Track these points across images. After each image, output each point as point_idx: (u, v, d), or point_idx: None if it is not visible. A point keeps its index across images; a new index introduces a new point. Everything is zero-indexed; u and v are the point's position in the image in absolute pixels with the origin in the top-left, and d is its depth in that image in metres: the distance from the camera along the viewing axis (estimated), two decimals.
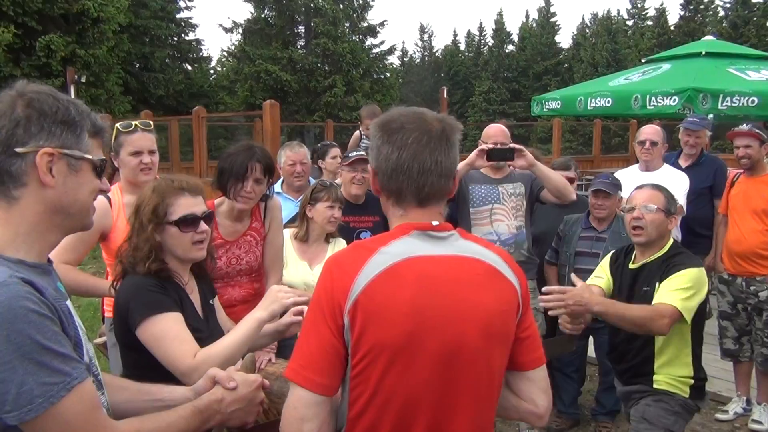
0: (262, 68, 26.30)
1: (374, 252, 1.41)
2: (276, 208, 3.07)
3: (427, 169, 1.45)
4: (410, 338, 1.36)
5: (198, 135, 11.26)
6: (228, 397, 1.57)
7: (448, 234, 1.49)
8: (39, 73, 15.36)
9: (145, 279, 2.02)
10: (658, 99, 6.61)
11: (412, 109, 1.54)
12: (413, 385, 1.38)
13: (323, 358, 1.38)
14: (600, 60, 38.96)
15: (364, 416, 1.40)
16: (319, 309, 1.40)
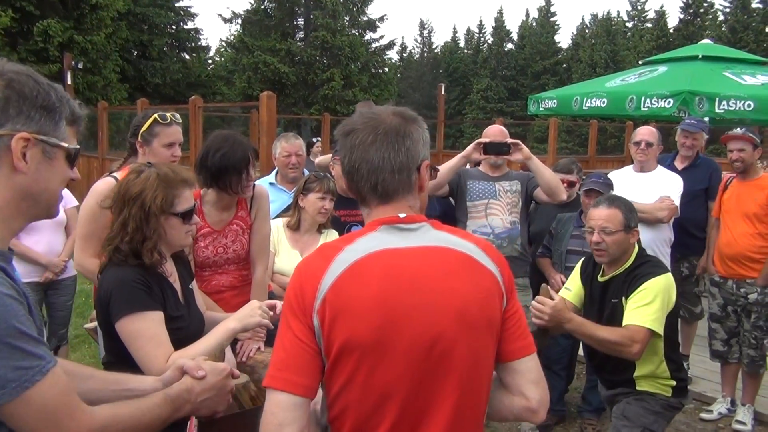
0: (260, 59, 26.23)
1: (340, 250, 1.40)
2: (262, 197, 3.07)
3: (375, 167, 1.45)
4: (380, 333, 1.34)
5: (194, 125, 11.24)
6: (197, 387, 1.57)
7: (417, 226, 1.47)
8: (36, 58, 15.29)
9: (131, 272, 2.02)
10: (653, 101, 6.63)
11: (372, 109, 1.54)
12: (387, 379, 1.35)
13: (299, 358, 1.35)
14: (599, 61, 39.00)
15: (342, 414, 1.38)
16: (291, 311, 1.39)
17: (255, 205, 3.04)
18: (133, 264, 2.04)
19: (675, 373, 2.94)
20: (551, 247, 4.33)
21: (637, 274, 2.86)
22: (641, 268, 2.89)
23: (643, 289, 2.79)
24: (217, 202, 2.97)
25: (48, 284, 4.46)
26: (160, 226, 2.06)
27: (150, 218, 2.04)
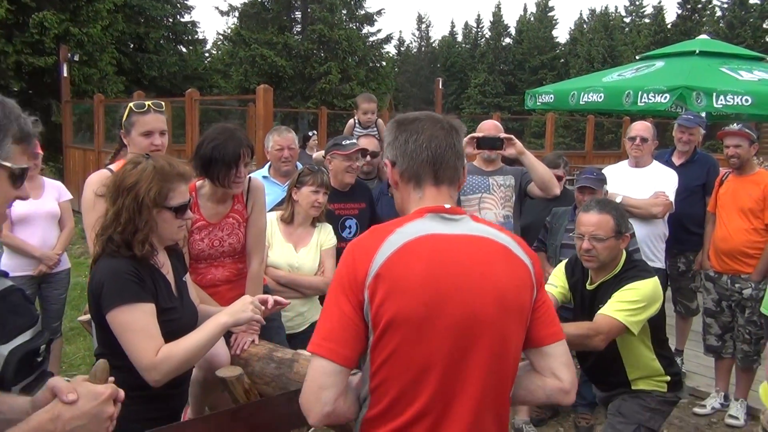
0: (257, 52, 26.13)
1: (391, 232, 1.52)
2: (258, 190, 3.05)
3: (441, 152, 1.62)
4: (426, 309, 1.45)
5: (190, 117, 11.22)
6: (66, 414, 1.31)
7: (460, 217, 1.60)
8: (31, 50, 15.17)
9: (124, 263, 2.01)
10: (650, 96, 6.63)
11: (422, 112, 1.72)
12: (429, 353, 1.46)
13: (344, 331, 1.47)
14: (596, 56, 38.95)
15: (383, 384, 1.49)
16: (341, 287, 1.50)
17: (251, 198, 3.02)
18: (125, 255, 2.03)
19: (668, 368, 2.95)
20: (546, 241, 4.33)
21: (626, 277, 2.83)
22: (630, 272, 2.86)
23: (630, 289, 2.76)
24: (213, 195, 2.95)
25: (42, 277, 4.45)
26: (152, 218, 2.05)
27: (143, 210, 2.03)
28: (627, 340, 2.83)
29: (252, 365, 2.51)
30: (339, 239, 3.77)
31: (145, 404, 2.03)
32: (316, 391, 1.46)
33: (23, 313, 1.98)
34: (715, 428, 4.31)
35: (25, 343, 1.95)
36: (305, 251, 3.55)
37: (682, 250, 4.88)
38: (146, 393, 2.02)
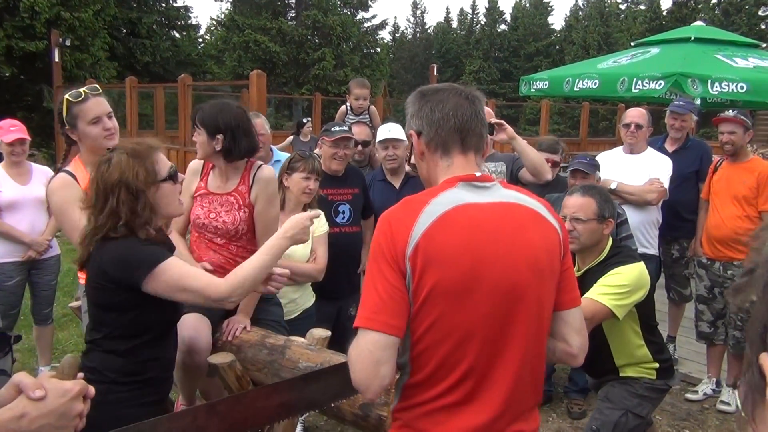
0: (251, 38, 25.98)
1: (426, 203, 1.53)
2: (264, 180, 2.94)
3: (467, 120, 1.64)
4: (466, 278, 1.48)
5: (183, 103, 11.13)
6: (32, 412, 1.25)
7: (491, 184, 1.63)
8: (22, 35, 15.04)
9: (131, 239, 2.02)
10: (644, 82, 6.60)
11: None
12: (470, 319, 1.50)
13: (394, 302, 1.48)
14: (591, 43, 38.87)
15: (425, 352, 1.52)
16: (383, 258, 1.51)
17: (256, 186, 2.94)
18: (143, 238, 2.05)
19: (657, 355, 2.94)
20: None
21: (609, 263, 2.83)
22: (615, 258, 2.86)
23: (616, 273, 2.75)
24: (222, 172, 2.94)
25: (31, 263, 4.42)
26: (149, 199, 2.05)
27: (139, 196, 2.03)
28: (614, 327, 2.83)
29: (244, 351, 2.50)
30: (332, 224, 3.76)
31: (140, 389, 2.03)
32: (374, 366, 1.46)
33: None
34: (707, 414, 4.34)
35: None
36: None
37: (675, 236, 4.88)
38: (140, 378, 2.03)
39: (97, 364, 2.02)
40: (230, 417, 1.75)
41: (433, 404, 1.54)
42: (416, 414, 1.56)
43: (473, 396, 1.53)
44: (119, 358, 2.02)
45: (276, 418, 1.91)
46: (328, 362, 2.22)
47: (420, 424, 1.56)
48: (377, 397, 1.50)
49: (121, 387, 2.00)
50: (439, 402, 1.53)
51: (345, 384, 1.94)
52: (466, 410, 1.53)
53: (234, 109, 2.88)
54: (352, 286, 4.02)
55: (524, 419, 1.61)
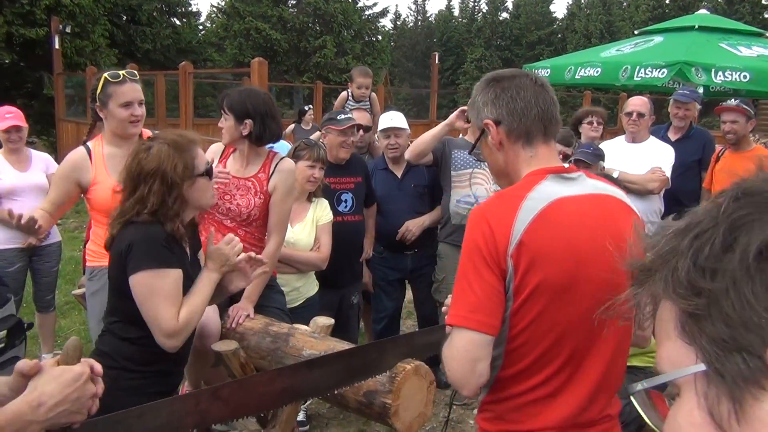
0: (252, 26, 25.84)
1: (523, 198, 1.51)
2: (286, 171, 2.98)
3: (548, 103, 1.61)
4: (569, 275, 1.48)
5: (184, 91, 11.10)
6: (49, 401, 1.28)
7: (577, 175, 1.61)
8: (23, 21, 14.95)
9: (156, 229, 2.02)
10: (647, 71, 6.58)
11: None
12: (571, 315, 1.49)
13: (491, 301, 1.47)
14: (594, 31, 38.66)
15: (523, 346, 1.52)
16: (480, 257, 1.47)
17: (276, 176, 2.96)
18: (170, 230, 2.06)
19: None
20: None
21: None
22: None
23: None
24: (243, 156, 2.96)
25: (32, 250, 4.42)
26: (183, 193, 2.06)
27: (173, 189, 2.04)
28: None
29: (248, 339, 2.51)
30: (335, 213, 3.76)
31: (148, 379, 2.04)
32: (471, 364, 1.46)
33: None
34: None
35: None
36: (300, 227, 3.53)
37: None
38: (152, 369, 2.04)
39: (109, 348, 2.03)
40: (233, 401, 1.77)
41: (527, 396, 1.55)
42: (509, 406, 1.57)
43: (566, 387, 1.55)
44: (132, 346, 2.03)
45: (279, 404, 1.92)
46: (332, 350, 2.23)
47: (513, 415, 1.57)
48: (474, 394, 1.51)
49: (130, 374, 2.01)
50: (533, 394, 1.55)
51: (349, 371, 1.96)
52: (560, 400, 1.55)
53: (261, 94, 2.93)
54: (354, 274, 4.03)
55: (610, 404, 1.64)
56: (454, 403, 4.24)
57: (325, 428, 3.95)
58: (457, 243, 4.09)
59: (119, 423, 1.57)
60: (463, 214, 4.02)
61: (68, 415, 1.32)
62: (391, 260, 4.35)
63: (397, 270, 4.37)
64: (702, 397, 0.58)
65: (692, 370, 0.59)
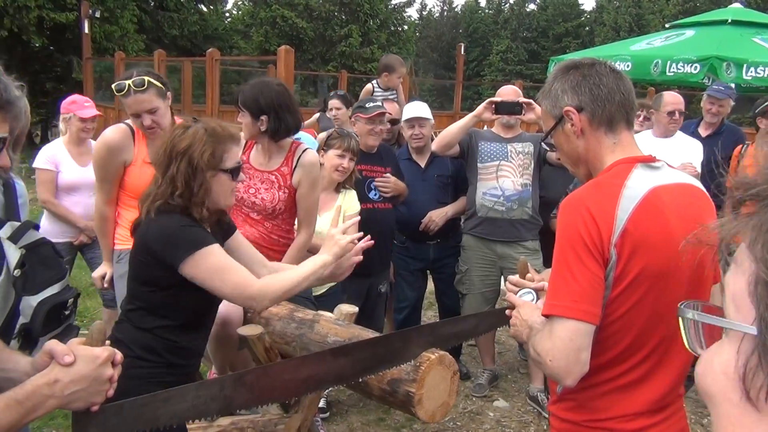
0: (278, 13, 25.87)
1: (622, 186, 1.51)
2: (309, 164, 2.96)
3: (628, 90, 1.62)
4: (669, 263, 1.48)
5: (211, 78, 11.17)
6: (64, 378, 1.30)
7: (660, 164, 1.61)
8: (53, 6, 15.13)
9: (180, 217, 2.01)
10: (679, 65, 6.48)
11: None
12: (666, 302, 1.50)
13: (594, 291, 1.47)
14: (623, 24, 38.12)
15: (616, 334, 1.52)
16: (583, 246, 1.47)
17: (299, 170, 2.95)
18: (198, 217, 2.04)
19: None
20: None
21: None
22: None
23: None
24: (265, 149, 2.97)
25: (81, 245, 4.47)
26: (206, 182, 2.02)
27: (197, 174, 2.00)
28: None
29: (273, 324, 2.53)
30: (365, 200, 3.77)
31: (163, 369, 2.04)
32: (576, 353, 1.45)
33: (52, 266, 2.00)
34: None
35: (53, 295, 1.98)
36: (328, 216, 3.53)
37: None
38: (165, 360, 2.04)
39: (124, 336, 2.03)
40: (257, 388, 1.78)
41: (612, 383, 1.56)
42: (592, 394, 1.57)
43: (652, 373, 1.56)
44: (147, 334, 2.03)
45: (303, 391, 1.94)
46: (357, 337, 2.24)
47: (597, 403, 1.57)
48: (575, 384, 1.49)
49: (143, 363, 2.00)
50: (619, 381, 1.55)
51: (374, 359, 1.96)
52: (645, 386, 1.56)
53: (274, 87, 2.87)
54: (383, 263, 4.03)
55: (682, 384, 1.67)
56: (473, 395, 4.25)
57: (345, 415, 3.98)
58: (482, 235, 4.10)
59: (145, 406, 1.59)
60: (489, 206, 4.01)
61: (86, 396, 1.34)
62: (413, 250, 4.35)
63: (419, 260, 4.37)
64: (743, 357, 0.58)
65: (744, 328, 0.59)
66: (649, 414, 1.57)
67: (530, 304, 1.73)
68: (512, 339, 5.30)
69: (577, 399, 1.60)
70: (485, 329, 2.24)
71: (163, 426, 1.58)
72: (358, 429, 3.84)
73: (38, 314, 1.95)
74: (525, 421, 4.01)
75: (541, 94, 1.76)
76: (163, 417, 1.58)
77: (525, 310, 1.71)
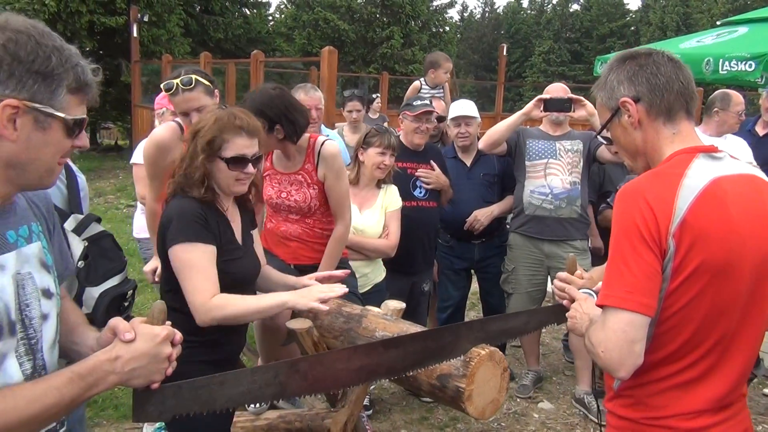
0: (320, 16, 26.11)
1: (682, 176, 1.48)
2: (330, 156, 2.96)
3: (687, 79, 1.58)
4: (731, 255, 1.45)
5: (255, 80, 11.31)
6: (125, 354, 1.33)
7: (722, 155, 1.57)
8: (104, 10, 15.56)
9: (192, 203, 2.10)
10: (732, 63, 6.28)
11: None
12: (727, 297, 1.47)
13: (650, 282, 1.44)
14: (670, 23, 37.32)
15: (674, 328, 1.49)
16: (639, 237, 1.44)
17: (322, 164, 2.95)
18: (194, 196, 2.11)
19: None
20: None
21: None
22: None
23: None
24: (286, 153, 2.98)
25: None
26: (203, 165, 2.10)
27: (195, 156, 2.11)
28: None
29: (321, 319, 2.54)
30: (409, 198, 3.77)
31: (197, 348, 2.06)
32: (629, 345, 1.43)
33: (113, 258, 2.07)
34: None
35: (114, 287, 2.04)
36: (369, 213, 3.55)
37: None
38: (199, 339, 2.06)
39: None
40: (311, 376, 1.79)
41: (672, 380, 1.53)
42: (651, 391, 1.55)
43: (713, 370, 1.52)
44: (179, 315, 2.06)
45: (355, 381, 1.94)
46: (405, 332, 2.23)
47: (656, 401, 1.54)
48: (629, 376, 1.47)
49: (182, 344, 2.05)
50: (678, 378, 1.52)
51: (424, 353, 1.95)
52: (705, 384, 1.52)
53: (272, 93, 2.83)
54: (427, 261, 4.02)
55: (745, 382, 1.64)
56: (518, 396, 4.21)
57: (388, 413, 3.98)
58: (530, 234, 4.06)
59: (203, 388, 1.61)
60: (537, 204, 3.96)
61: (146, 374, 1.37)
62: (457, 249, 4.33)
63: (463, 259, 4.35)
64: None
65: None
66: (711, 412, 1.52)
67: (591, 298, 1.70)
68: (557, 341, 5.23)
69: (636, 395, 1.57)
70: (535, 326, 2.21)
71: (219, 409, 1.60)
72: (401, 427, 3.83)
73: (100, 305, 2.01)
74: (571, 424, 3.94)
75: (596, 86, 1.72)
76: (219, 400, 1.60)
77: (586, 303, 1.69)
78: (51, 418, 1.28)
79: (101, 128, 24.31)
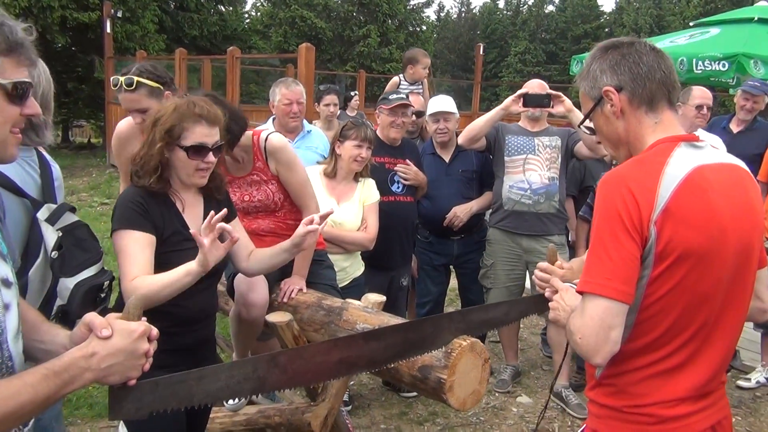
0: (297, 14, 26.02)
1: (664, 164, 1.48)
2: (277, 150, 2.85)
3: (669, 68, 1.59)
4: (713, 242, 1.46)
5: (232, 76, 11.23)
6: (101, 351, 1.28)
7: (704, 144, 1.58)
8: (76, 5, 15.33)
9: (134, 191, 2.11)
10: (705, 63, 6.40)
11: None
12: (708, 284, 1.48)
13: (628, 268, 1.44)
14: (643, 25, 37.81)
15: (655, 316, 1.50)
16: (620, 224, 1.45)
17: (270, 159, 2.87)
18: (141, 184, 2.11)
19: None
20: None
21: None
22: None
23: None
24: (233, 158, 2.87)
25: None
26: (160, 153, 2.08)
27: (153, 144, 2.09)
28: None
29: (301, 312, 2.53)
30: (387, 192, 3.76)
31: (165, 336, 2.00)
32: (605, 331, 1.44)
33: (89, 249, 2.03)
34: (760, 402, 4.24)
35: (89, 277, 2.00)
36: (348, 206, 3.53)
37: None
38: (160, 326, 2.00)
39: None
40: (291, 369, 1.76)
41: (654, 368, 1.53)
42: (633, 379, 1.55)
43: (694, 358, 1.53)
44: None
45: (336, 374, 1.91)
46: (386, 324, 2.23)
47: (638, 389, 1.55)
48: (605, 362, 1.48)
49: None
50: (660, 366, 1.53)
51: (405, 344, 1.94)
52: (686, 372, 1.53)
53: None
54: (404, 256, 4.02)
55: (725, 371, 1.66)
56: (496, 390, 4.22)
57: (367, 409, 3.97)
58: (509, 228, 4.07)
59: (180, 384, 1.57)
60: (516, 199, 3.98)
61: (122, 370, 1.32)
62: (436, 245, 4.33)
63: (442, 255, 4.35)
64: None
65: None
66: (691, 400, 1.53)
67: (573, 290, 1.71)
68: (535, 336, 5.27)
69: (617, 384, 1.57)
70: (515, 317, 2.20)
71: (197, 404, 1.57)
72: (380, 422, 3.83)
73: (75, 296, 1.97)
74: (549, 417, 3.97)
75: (579, 76, 1.72)
76: (197, 395, 1.57)
77: (568, 294, 1.69)
78: (25, 416, 1.23)
79: (73, 126, 23.93)
